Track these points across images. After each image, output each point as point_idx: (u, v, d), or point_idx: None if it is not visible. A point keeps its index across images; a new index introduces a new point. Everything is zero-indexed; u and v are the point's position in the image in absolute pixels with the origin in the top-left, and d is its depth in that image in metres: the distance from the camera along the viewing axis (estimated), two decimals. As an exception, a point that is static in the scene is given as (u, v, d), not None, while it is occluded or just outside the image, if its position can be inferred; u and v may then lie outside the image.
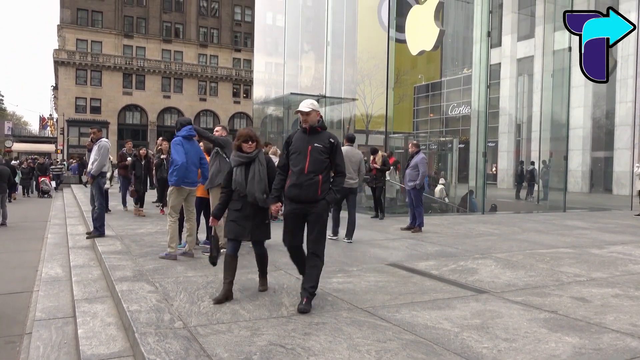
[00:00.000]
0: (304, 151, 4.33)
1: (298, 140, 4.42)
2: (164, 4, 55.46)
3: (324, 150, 4.33)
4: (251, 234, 4.60)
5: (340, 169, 4.45)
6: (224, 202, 4.66)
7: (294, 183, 4.30)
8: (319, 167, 4.30)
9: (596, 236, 9.37)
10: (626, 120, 24.47)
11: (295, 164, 4.34)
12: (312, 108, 4.40)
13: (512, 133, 30.85)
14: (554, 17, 17.21)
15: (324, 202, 4.32)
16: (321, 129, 4.44)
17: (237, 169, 4.62)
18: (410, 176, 9.53)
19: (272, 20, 26.30)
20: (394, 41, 15.18)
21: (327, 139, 4.39)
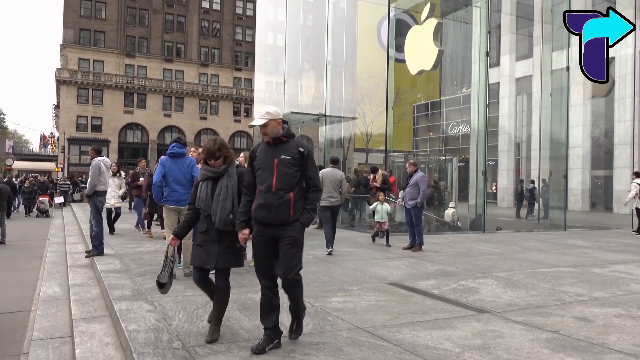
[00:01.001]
0: (269, 166, 3.73)
1: (262, 154, 3.83)
2: (166, 24, 56.09)
3: (292, 162, 3.73)
4: (216, 261, 3.93)
5: (314, 182, 3.82)
6: (188, 220, 4.12)
7: (262, 203, 3.70)
8: (289, 182, 3.70)
9: (597, 255, 9.32)
10: (625, 139, 24.56)
11: (262, 181, 3.75)
12: (269, 117, 3.77)
13: (511, 152, 30.94)
14: (551, 37, 17.42)
15: (297, 224, 3.72)
16: (287, 137, 3.83)
17: (202, 184, 4.06)
18: (410, 194, 9.49)
19: (273, 40, 26.59)
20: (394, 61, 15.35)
21: (295, 148, 3.77)
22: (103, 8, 53.06)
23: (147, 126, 53.71)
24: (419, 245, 9.44)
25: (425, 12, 14.34)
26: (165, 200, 6.67)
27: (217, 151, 4.04)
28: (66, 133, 50.07)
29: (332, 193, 9.27)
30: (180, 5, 56.58)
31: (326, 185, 9.16)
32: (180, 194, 6.63)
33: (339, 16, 19.74)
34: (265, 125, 3.78)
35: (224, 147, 4.08)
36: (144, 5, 54.93)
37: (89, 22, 52.60)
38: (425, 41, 14.11)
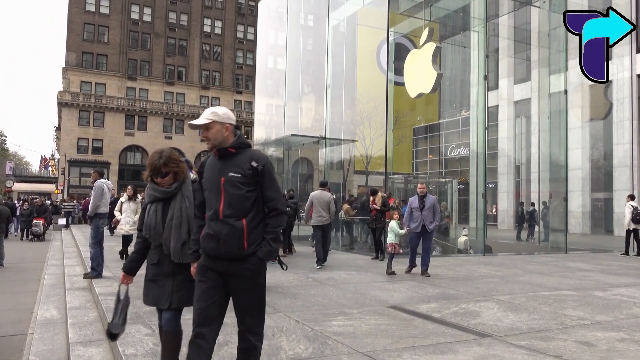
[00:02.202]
0: (215, 186, 2.97)
1: (209, 170, 3.06)
2: (168, 47, 56.76)
3: (243, 180, 2.93)
4: (170, 299, 3.26)
5: (275, 204, 3.02)
6: (138, 251, 3.45)
7: (209, 233, 2.97)
8: (241, 206, 2.93)
9: (599, 278, 9.26)
10: (624, 162, 24.64)
11: (209, 205, 3.01)
12: (213, 119, 3.00)
13: (511, 174, 31.00)
14: (549, 61, 17.62)
15: (254, 259, 2.94)
16: (237, 148, 3.01)
17: (150, 208, 3.34)
18: (428, 218, 9.17)
19: (273, 64, 26.86)
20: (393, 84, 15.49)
21: (246, 162, 2.96)
22: (106, 32, 53.76)
23: (148, 148, 53.88)
24: (426, 269, 9.19)
25: (423, 37, 14.51)
26: None
27: (163, 166, 3.26)
28: (67, 155, 50.22)
29: (321, 213, 10.33)
30: (182, 30, 57.35)
31: (316, 206, 10.32)
32: None
33: (338, 40, 20.00)
34: (208, 128, 2.99)
35: (172, 161, 3.29)
36: (146, 30, 55.68)
37: (92, 46, 53.22)
38: (424, 65, 14.25)
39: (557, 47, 16.72)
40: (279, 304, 6.05)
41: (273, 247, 3.01)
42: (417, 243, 9.42)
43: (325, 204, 10.36)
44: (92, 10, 53.05)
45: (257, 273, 3.00)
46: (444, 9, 17.92)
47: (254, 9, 55.46)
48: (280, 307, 5.94)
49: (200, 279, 3.00)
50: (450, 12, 18.39)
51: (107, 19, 53.62)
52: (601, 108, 27.12)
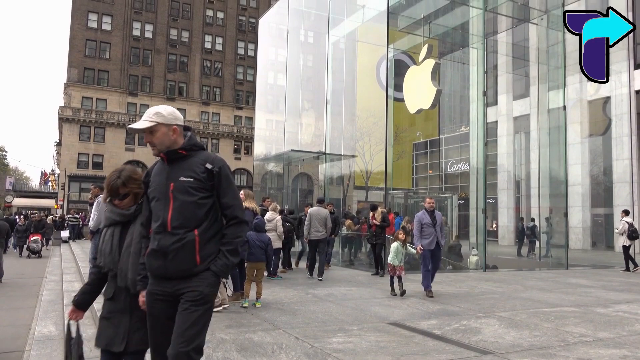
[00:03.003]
0: (163, 194, 2.64)
1: (156, 178, 2.73)
2: (169, 63, 57.17)
3: (196, 185, 2.62)
4: (128, 340, 2.75)
5: (233, 212, 2.70)
6: (91, 282, 2.99)
7: (154, 249, 2.61)
8: (192, 215, 2.60)
9: (601, 294, 9.21)
10: (624, 177, 24.66)
11: (155, 217, 2.66)
12: (157, 120, 2.66)
13: (511, 189, 31.00)
14: (547, 77, 17.74)
15: (207, 274, 2.59)
16: (188, 150, 2.71)
17: (107, 232, 2.93)
18: (440, 233, 8.83)
19: (274, 80, 27.04)
20: (393, 100, 15.58)
21: (200, 164, 2.66)
22: (107, 48, 54.20)
23: (148, 163, 53.92)
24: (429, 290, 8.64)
25: (423, 53, 14.64)
26: None
27: (122, 187, 2.89)
28: (67, 170, 50.29)
29: (318, 228, 10.76)
30: (183, 46, 57.83)
31: (313, 221, 10.75)
32: None
33: (338, 57, 20.17)
34: (152, 132, 2.66)
35: (133, 181, 2.93)
36: (148, 46, 56.14)
37: (93, 62, 53.61)
38: (424, 81, 14.35)
39: (556, 64, 16.86)
40: (278, 320, 6.01)
41: (230, 260, 2.64)
42: (429, 263, 8.75)
43: (322, 220, 10.89)
44: (94, 27, 53.56)
45: (211, 289, 2.62)
46: (442, 26, 18.10)
47: (254, 26, 55.99)
48: (280, 323, 5.89)
49: (151, 311, 2.63)
50: (449, 29, 18.57)
51: (109, 35, 54.11)
52: (600, 124, 27.23)
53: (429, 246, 8.69)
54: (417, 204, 21.75)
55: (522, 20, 20.37)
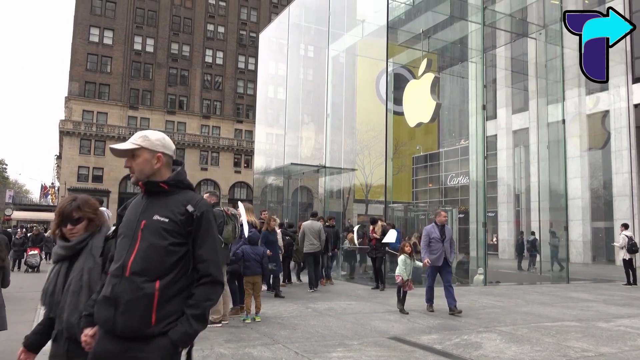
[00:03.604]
0: (131, 231, 2.25)
1: (130, 211, 2.37)
2: (170, 77, 57.48)
3: (171, 228, 2.21)
4: None
5: (207, 268, 2.23)
6: (44, 322, 2.67)
7: (106, 296, 2.18)
8: (158, 262, 2.17)
9: (602, 309, 9.16)
10: (624, 191, 24.66)
11: (117, 255, 2.26)
12: (141, 144, 2.33)
13: (511, 203, 30.99)
14: (546, 91, 17.83)
15: (163, 341, 2.11)
16: (171, 186, 2.33)
17: (53, 270, 2.66)
18: (449, 249, 8.42)
19: (274, 93, 27.18)
20: (392, 113, 15.65)
21: (181, 204, 2.27)
22: (109, 62, 54.53)
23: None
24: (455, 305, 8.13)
25: (422, 67, 14.72)
26: None
27: (77, 210, 2.60)
28: (67, 183, 50.28)
29: (312, 241, 11.05)
30: (184, 60, 58.19)
31: (307, 235, 11.00)
32: None
33: (338, 71, 20.29)
34: (133, 156, 2.33)
35: (89, 206, 2.66)
36: (149, 60, 56.50)
37: (95, 76, 53.90)
38: (423, 95, 14.41)
39: (554, 78, 16.95)
40: (278, 334, 5.97)
41: (194, 328, 2.13)
42: (434, 279, 8.44)
43: (316, 233, 11.17)
44: (96, 41, 53.95)
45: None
46: (441, 41, 18.23)
47: (255, 40, 56.40)
48: (279, 338, 5.85)
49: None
50: (448, 43, 18.70)
51: (110, 49, 54.49)
52: (599, 137, 27.31)
53: (436, 262, 8.29)
54: (417, 217, 21.73)
55: (520, 35, 20.53)
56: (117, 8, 54.90)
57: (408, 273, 8.12)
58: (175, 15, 58.14)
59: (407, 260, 8.14)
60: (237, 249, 7.34)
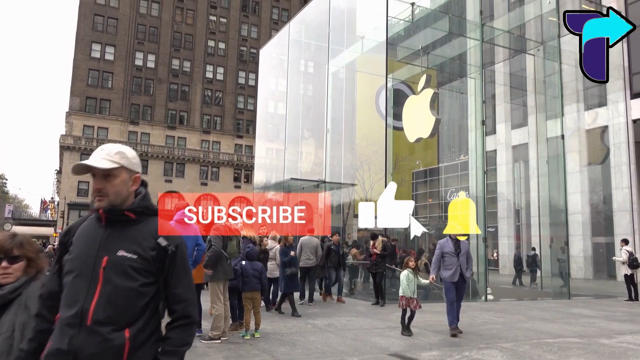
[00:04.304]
0: (89, 268, 1.87)
1: (82, 240, 1.94)
2: (170, 93, 57.79)
3: (140, 265, 1.89)
4: None
5: (185, 309, 1.96)
6: None
7: (60, 349, 1.80)
8: (127, 307, 1.85)
9: (604, 325, 9.09)
10: (624, 206, 24.63)
11: (69, 299, 1.85)
12: (122, 163, 1.98)
13: (511, 218, 30.93)
14: (545, 106, 17.92)
15: None
16: (139, 214, 1.98)
17: None
18: (465, 264, 7.95)
19: (274, 109, 27.30)
20: (392, 129, 15.69)
21: (151, 237, 1.95)
22: (110, 78, 54.87)
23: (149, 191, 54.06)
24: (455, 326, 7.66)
25: (421, 83, 14.81)
26: None
27: (18, 247, 2.26)
28: (67, 198, 50.26)
29: (309, 256, 11.23)
30: (184, 76, 58.56)
31: (304, 249, 11.19)
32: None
33: (338, 86, 20.42)
34: (109, 176, 1.95)
35: (29, 245, 2.32)
36: (150, 76, 56.85)
37: (96, 91, 54.20)
38: (423, 110, 14.48)
39: (553, 94, 17.04)
40: (277, 351, 5.91)
41: None
42: (454, 297, 7.79)
43: (313, 248, 11.35)
44: (97, 57, 54.35)
45: None
46: (440, 57, 18.37)
47: (255, 56, 56.82)
48: (279, 354, 5.80)
49: None
50: (447, 59, 18.85)
51: (111, 65, 54.87)
52: (598, 152, 27.37)
53: (452, 278, 7.72)
54: (417, 232, 21.64)
55: (518, 51, 20.70)
56: (119, 24, 55.42)
57: (412, 290, 7.57)
58: (177, 32, 58.66)
59: (410, 275, 7.62)
60: (235, 265, 7.31)
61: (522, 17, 19.74)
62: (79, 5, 54.61)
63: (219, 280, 6.73)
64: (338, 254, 12.68)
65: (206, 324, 7.16)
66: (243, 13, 62.48)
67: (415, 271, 7.78)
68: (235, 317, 7.69)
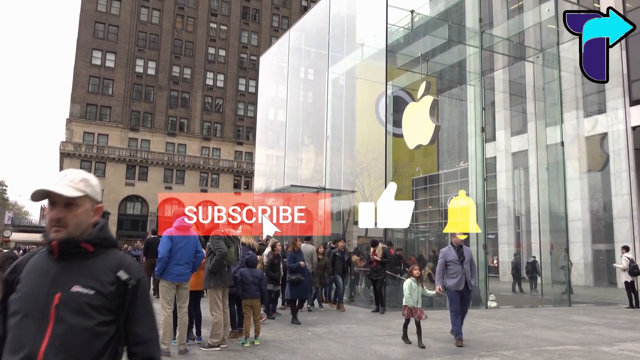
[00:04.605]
0: (38, 308, 1.65)
1: (32, 276, 1.73)
2: (170, 100, 57.91)
3: (97, 302, 1.68)
4: None
5: (148, 351, 1.76)
6: None
7: None
8: (84, 350, 1.64)
9: (605, 332, 9.06)
10: (624, 213, 24.61)
11: (15, 343, 1.64)
12: (86, 191, 1.78)
13: (511, 225, 30.89)
14: (544, 113, 17.96)
15: None
16: (96, 246, 1.78)
17: None
18: (470, 272, 7.71)
19: (274, 115, 27.35)
20: (392, 135, 15.72)
21: (110, 271, 1.75)
22: (110, 85, 55.02)
23: (148, 198, 54.03)
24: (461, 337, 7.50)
25: (421, 90, 14.85)
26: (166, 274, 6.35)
27: None
28: (66, 205, 50.27)
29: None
30: (185, 83, 58.72)
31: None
32: (184, 268, 6.43)
33: (338, 93, 20.46)
34: (70, 204, 1.74)
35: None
36: (150, 82, 57.01)
37: (96, 98, 54.32)
38: (422, 117, 14.51)
39: (552, 101, 17.08)
40: (276, 358, 5.89)
41: None
42: (459, 306, 7.59)
43: (308, 255, 11.30)
44: (98, 64, 54.52)
45: None
46: (440, 64, 18.43)
47: (255, 64, 57.02)
48: (279, 362, 5.78)
49: None
50: (447, 66, 18.91)
51: (112, 72, 55.04)
52: (598, 159, 27.39)
53: (457, 287, 7.50)
54: (417, 239, 21.66)
55: (518, 59, 20.77)
56: (120, 32, 55.64)
57: (415, 300, 7.28)
58: (177, 39, 58.88)
59: (412, 284, 7.33)
60: (235, 272, 7.28)
61: (521, 25, 19.84)
62: (80, 12, 54.88)
63: (217, 287, 6.71)
64: (343, 260, 12.57)
65: (205, 332, 7.14)
66: (243, 20, 62.74)
67: (419, 280, 7.52)
68: (234, 324, 7.66)
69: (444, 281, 7.62)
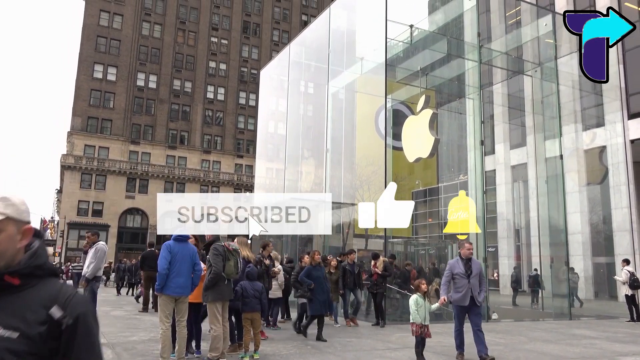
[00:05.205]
0: None
1: None
2: (171, 113, 58.16)
3: (22, 347, 1.30)
4: None
5: None
6: None
7: None
8: None
9: (606, 346, 9.03)
10: (624, 226, 24.60)
11: None
12: (8, 213, 1.39)
13: (511, 238, 30.87)
14: (543, 127, 18.06)
15: None
16: (24, 277, 1.39)
17: None
18: (476, 287, 7.32)
19: (274, 129, 27.47)
20: (391, 148, 15.79)
21: (41, 306, 1.37)
22: (112, 98, 55.29)
23: (148, 211, 53.99)
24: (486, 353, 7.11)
25: (420, 103, 14.95)
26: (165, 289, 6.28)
27: None
28: (67, 217, 50.19)
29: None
30: (185, 96, 59.02)
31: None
32: (184, 280, 6.41)
33: (338, 106, 20.57)
34: None
35: None
36: (151, 96, 57.30)
37: (97, 111, 54.55)
38: (422, 130, 14.59)
39: (551, 114, 17.18)
40: (276, 372, 5.87)
41: None
42: (463, 321, 7.38)
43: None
44: (100, 77, 54.84)
45: None
46: (439, 78, 18.57)
47: (255, 77, 57.34)
48: (278, 376, 5.76)
49: None
50: (446, 80, 19.05)
51: (113, 85, 55.34)
52: (597, 172, 27.44)
53: (462, 302, 7.20)
54: (417, 252, 21.61)
55: (516, 72, 20.92)
56: (121, 45, 56.05)
57: (423, 316, 6.83)
58: (178, 53, 59.28)
59: (419, 300, 6.89)
60: (236, 286, 7.25)
61: (519, 39, 20.01)
62: (83, 26, 55.32)
63: (216, 301, 6.68)
64: (353, 273, 11.98)
65: (205, 345, 7.12)
66: (244, 35, 63.22)
67: (426, 296, 7.06)
68: (233, 338, 7.63)
69: (449, 295, 7.33)
